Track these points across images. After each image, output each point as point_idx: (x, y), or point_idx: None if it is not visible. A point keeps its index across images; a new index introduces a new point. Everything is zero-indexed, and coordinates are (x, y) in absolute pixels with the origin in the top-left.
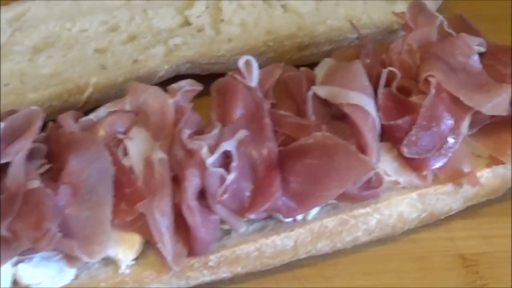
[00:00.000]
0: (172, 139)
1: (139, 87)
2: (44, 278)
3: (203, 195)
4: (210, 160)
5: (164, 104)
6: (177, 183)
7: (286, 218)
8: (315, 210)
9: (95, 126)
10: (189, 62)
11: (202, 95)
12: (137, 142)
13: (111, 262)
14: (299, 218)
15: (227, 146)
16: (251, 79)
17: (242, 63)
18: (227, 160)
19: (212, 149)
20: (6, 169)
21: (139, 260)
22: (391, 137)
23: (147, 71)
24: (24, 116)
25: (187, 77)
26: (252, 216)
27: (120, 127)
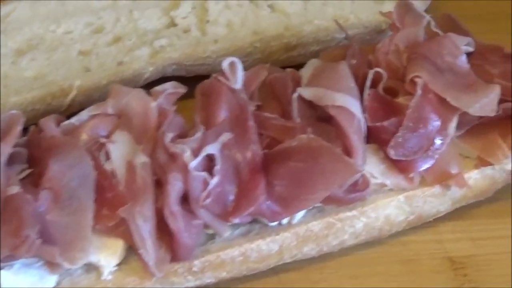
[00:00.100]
0: (155, 143)
1: (121, 89)
2: (25, 285)
3: (186, 199)
4: (193, 163)
5: (146, 107)
6: (160, 187)
7: (271, 222)
8: (300, 214)
9: (77, 130)
10: (174, 63)
11: (188, 97)
12: (119, 145)
13: (93, 268)
14: (284, 222)
15: (210, 149)
16: (236, 81)
17: (226, 65)
18: (211, 163)
19: (196, 152)
20: None
21: (122, 266)
22: (378, 139)
23: (132, 73)
24: (4, 120)
25: (173, 79)
26: (236, 220)
27: (103, 130)
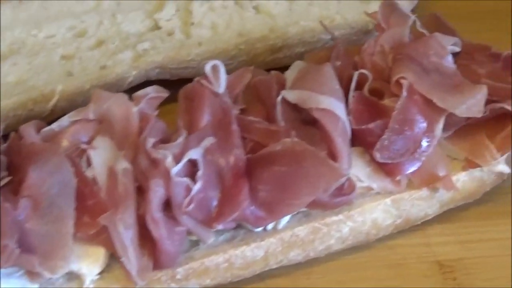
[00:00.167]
0: (136, 148)
1: (102, 94)
2: None
3: (169, 205)
4: (175, 169)
5: (128, 112)
6: (141, 194)
7: (255, 228)
8: (286, 219)
9: (57, 136)
10: (158, 67)
11: (173, 101)
12: (101, 151)
13: (75, 277)
14: (269, 227)
15: (192, 154)
16: (219, 85)
17: (209, 68)
18: (194, 169)
19: (178, 158)
20: None
21: (104, 274)
22: (363, 141)
23: (115, 77)
24: None
25: (157, 82)
26: (219, 226)
27: (84, 136)
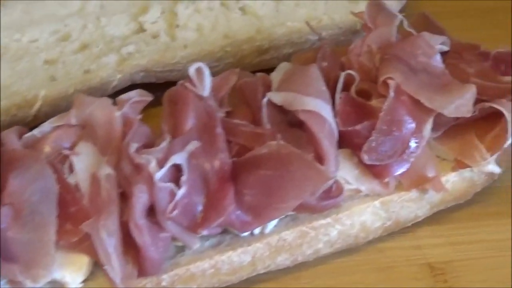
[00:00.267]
0: (119, 154)
1: (85, 99)
2: None
3: (153, 211)
4: (159, 174)
5: (111, 116)
6: (125, 200)
7: (241, 233)
8: (273, 223)
9: (39, 142)
10: (143, 70)
11: (159, 104)
12: (83, 157)
13: (58, 285)
14: (256, 231)
15: (177, 159)
16: (203, 88)
17: (193, 71)
18: (178, 173)
19: (162, 162)
20: None
21: (88, 282)
22: (351, 143)
23: (99, 81)
24: None
25: (143, 86)
26: (205, 232)
27: (66, 142)
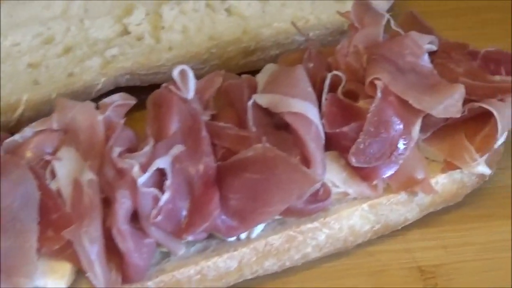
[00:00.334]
0: (102, 158)
1: (67, 103)
2: None
3: (136, 217)
4: (142, 179)
5: (93, 120)
6: (108, 206)
7: (227, 238)
8: (259, 227)
9: (20, 148)
10: (127, 73)
11: (144, 108)
12: (65, 163)
13: None
14: (243, 236)
15: (160, 163)
16: (187, 90)
17: (176, 74)
18: (162, 178)
19: (145, 167)
20: None
21: None
22: (338, 145)
23: (83, 85)
24: None
25: (128, 89)
26: (190, 237)
27: (48, 147)
